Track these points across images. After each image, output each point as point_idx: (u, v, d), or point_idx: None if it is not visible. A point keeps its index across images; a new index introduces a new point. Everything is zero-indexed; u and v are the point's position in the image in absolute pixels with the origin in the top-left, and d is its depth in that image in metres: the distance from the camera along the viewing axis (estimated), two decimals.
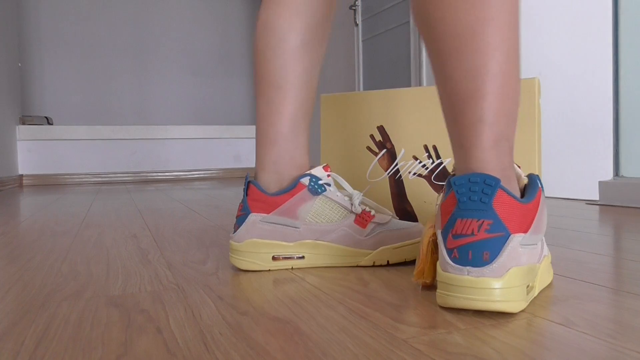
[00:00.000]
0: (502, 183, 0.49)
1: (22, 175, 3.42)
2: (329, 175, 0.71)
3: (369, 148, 0.91)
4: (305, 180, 0.69)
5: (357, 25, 3.13)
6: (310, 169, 0.72)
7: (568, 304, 0.51)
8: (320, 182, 0.69)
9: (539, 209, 0.51)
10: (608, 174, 1.54)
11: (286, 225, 0.69)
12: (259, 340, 0.43)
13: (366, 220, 0.70)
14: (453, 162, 0.84)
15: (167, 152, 3.84)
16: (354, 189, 0.92)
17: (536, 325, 0.45)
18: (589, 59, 1.61)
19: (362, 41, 3.11)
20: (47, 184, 3.48)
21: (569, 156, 1.67)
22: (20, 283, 0.65)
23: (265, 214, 0.69)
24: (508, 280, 0.46)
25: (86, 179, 3.60)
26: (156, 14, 4.18)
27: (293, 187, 0.68)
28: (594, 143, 1.60)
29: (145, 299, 0.56)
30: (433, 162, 0.85)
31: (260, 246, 0.68)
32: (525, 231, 0.48)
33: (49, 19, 3.86)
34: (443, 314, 0.49)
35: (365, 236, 0.69)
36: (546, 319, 0.46)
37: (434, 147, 0.85)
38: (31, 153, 3.47)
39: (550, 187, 1.73)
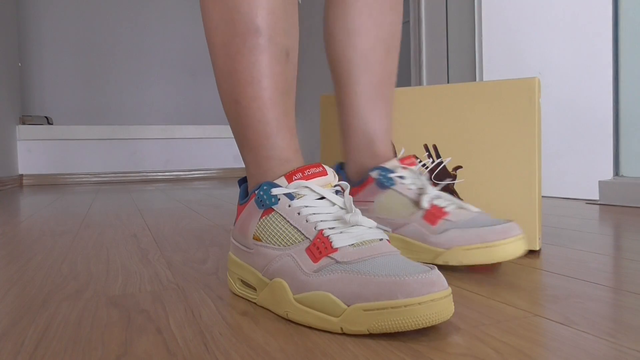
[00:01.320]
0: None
1: (22, 175, 3.42)
2: (405, 168, 0.68)
3: None
4: (375, 173, 0.68)
5: None
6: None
7: (568, 303, 0.51)
8: (390, 174, 0.67)
9: (243, 212, 0.55)
10: (608, 174, 1.54)
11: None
12: (259, 340, 0.43)
13: (437, 217, 0.66)
14: (453, 161, 0.84)
15: (167, 152, 3.84)
16: None
17: (536, 325, 0.45)
18: (589, 59, 1.61)
19: None
20: (47, 184, 3.48)
21: (569, 156, 1.67)
22: (20, 283, 0.65)
23: None
24: (229, 259, 0.57)
25: (86, 179, 3.60)
26: (156, 13, 4.18)
27: (364, 179, 0.69)
28: (594, 143, 1.60)
29: (145, 299, 0.56)
30: (433, 161, 0.85)
31: None
32: (234, 225, 0.57)
33: (49, 19, 3.86)
34: None
35: (435, 233, 0.65)
36: (546, 318, 0.46)
37: (434, 147, 0.85)
38: (31, 153, 3.47)
39: (550, 187, 1.73)
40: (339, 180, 0.74)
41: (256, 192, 0.53)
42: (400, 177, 0.68)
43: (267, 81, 0.54)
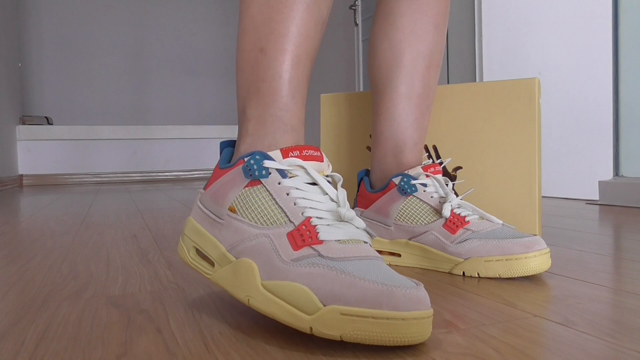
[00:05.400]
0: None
1: (22, 175, 3.42)
2: (428, 176, 0.67)
3: (369, 148, 0.91)
4: (397, 180, 0.68)
5: (357, 25, 3.13)
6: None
7: (568, 303, 0.51)
8: (412, 181, 0.67)
9: (222, 177, 0.50)
10: (608, 174, 1.54)
11: (379, 223, 0.70)
12: (259, 340, 0.43)
13: (457, 226, 0.64)
14: (453, 162, 0.84)
15: (167, 152, 3.84)
16: (354, 189, 0.92)
17: (536, 325, 0.45)
18: (589, 59, 1.61)
19: (362, 41, 3.11)
20: (47, 184, 3.48)
21: (569, 156, 1.67)
22: (20, 283, 0.65)
23: (362, 209, 0.72)
24: (187, 224, 0.52)
25: (86, 179, 3.60)
26: (156, 13, 4.19)
27: (386, 186, 0.69)
28: (594, 143, 1.60)
29: (145, 299, 0.56)
30: (433, 161, 0.85)
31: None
32: (205, 189, 0.52)
33: (49, 19, 3.86)
34: (443, 313, 0.49)
35: (454, 242, 0.64)
36: (546, 319, 0.46)
37: (434, 147, 0.85)
38: (31, 153, 3.47)
39: (550, 187, 1.73)
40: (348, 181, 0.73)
41: (246, 159, 0.48)
42: (423, 184, 0.67)
43: (301, 40, 0.52)
